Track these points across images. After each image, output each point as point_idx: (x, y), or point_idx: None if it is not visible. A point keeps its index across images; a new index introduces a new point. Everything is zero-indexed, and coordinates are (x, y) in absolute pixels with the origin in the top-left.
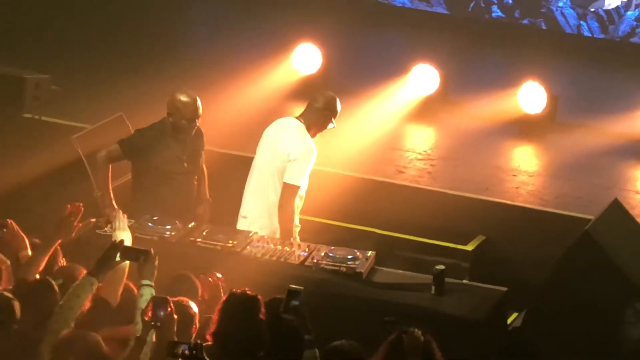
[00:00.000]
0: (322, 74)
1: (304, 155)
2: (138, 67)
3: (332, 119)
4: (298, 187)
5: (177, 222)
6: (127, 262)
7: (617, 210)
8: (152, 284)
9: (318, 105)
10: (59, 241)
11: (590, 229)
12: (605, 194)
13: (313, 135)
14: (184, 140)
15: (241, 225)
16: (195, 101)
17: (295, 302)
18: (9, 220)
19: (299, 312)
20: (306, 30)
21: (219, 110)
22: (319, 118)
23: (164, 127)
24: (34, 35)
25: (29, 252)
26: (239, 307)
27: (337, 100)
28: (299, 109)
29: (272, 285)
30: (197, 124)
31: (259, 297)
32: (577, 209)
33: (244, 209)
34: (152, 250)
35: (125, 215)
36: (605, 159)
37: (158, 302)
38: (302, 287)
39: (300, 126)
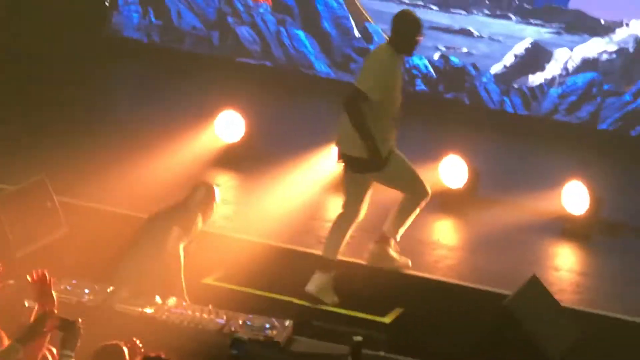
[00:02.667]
0: (245, 142)
1: None
2: (61, 131)
3: None
4: None
5: (95, 285)
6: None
7: (535, 286)
8: (73, 354)
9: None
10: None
11: (508, 304)
12: (524, 270)
13: None
14: None
15: None
16: None
17: (234, 351)
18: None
19: None
20: (229, 98)
21: (141, 176)
22: None
23: None
24: None
25: None
26: None
27: None
28: (222, 176)
29: (189, 351)
30: None
31: None
32: (496, 284)
33: None
34: (79, 320)
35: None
36: (525, 235)
37: None
38: (247, 337)
39: None
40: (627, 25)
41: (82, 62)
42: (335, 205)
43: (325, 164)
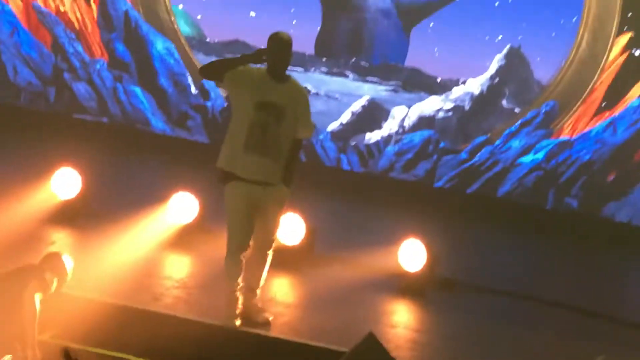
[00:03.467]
0: (82, 199)
1: None
2: None
3: None
4: None
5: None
6: None
7: (372, 343)
8: None
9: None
10: None
11: None
12: (360, 327)
13: None
14: None
15: None
16: None
17: None
18: None
19: None
20: (66, 154)
21: None
22: None
23: None
24: None
25: None
26: None
27: None
28: (58, 234)
29: None
30: None
31: None
32: (332, 342)
33: None
34: None
35: None
36: (362, 293)
37: None
38: None
39: None
40: (464, 83)
41: None
42: (171, 263)
43: (160, 221)
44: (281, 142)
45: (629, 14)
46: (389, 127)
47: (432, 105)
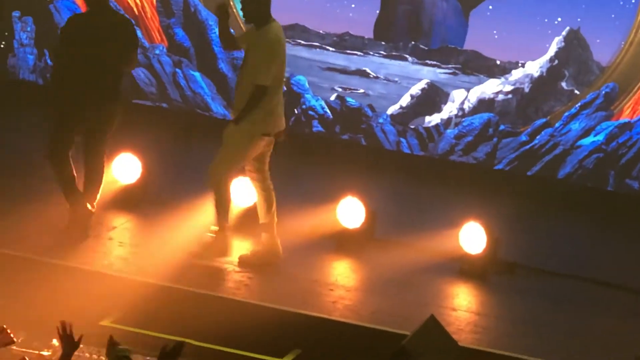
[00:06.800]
0: (142, 184)
1: None
2: None
3: None
4: None
5: None
6: None
7: (433, 326)
8: None
9: None
10: None
11: (406, 344)
12: (421, 310)
13: None
14: None
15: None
16: None
17: None
18: None
19: None
20: (126, 140)
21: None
22: None
23: None
24: None
25: None
26: None
27: None
28: (119, 219)
29: None
30: None
31: None
32: (394, 325)
33: None
34: None
35: None
36: (423, 275)
37: None
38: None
39: None
40: (523, 66)
41: None
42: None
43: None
44: (242, 86)
45: None
46: (449, 110)
47: (491, 87)
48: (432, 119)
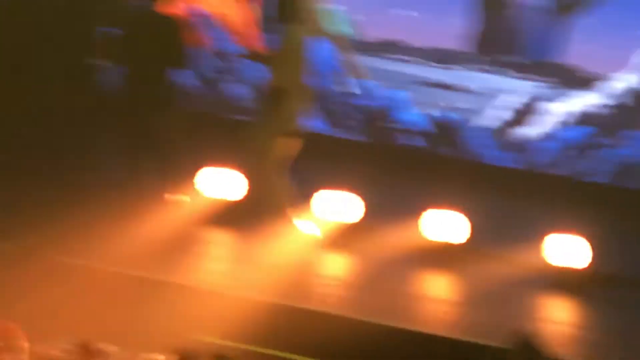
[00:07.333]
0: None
1: None
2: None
3: None
4: None
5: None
6: None
7: (530, 340)
8: None
9: None
10: None
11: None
12: (518, 323)
13: None
14: None
15: None
16: None
17: None
18: None
19: None
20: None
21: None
22: None
23: None
24: None
25: None
26: None
27: None
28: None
29: None
30: None
31: None
32: (491, 338)
33: None
34: None
35: None
36: (519, 288)
37: None
38: None
39: None
40: (623, 78)
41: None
42: (329, 262)
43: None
44: None
45: None
46: (547, 123)
47: (590, 100)
48: (531, 132)
